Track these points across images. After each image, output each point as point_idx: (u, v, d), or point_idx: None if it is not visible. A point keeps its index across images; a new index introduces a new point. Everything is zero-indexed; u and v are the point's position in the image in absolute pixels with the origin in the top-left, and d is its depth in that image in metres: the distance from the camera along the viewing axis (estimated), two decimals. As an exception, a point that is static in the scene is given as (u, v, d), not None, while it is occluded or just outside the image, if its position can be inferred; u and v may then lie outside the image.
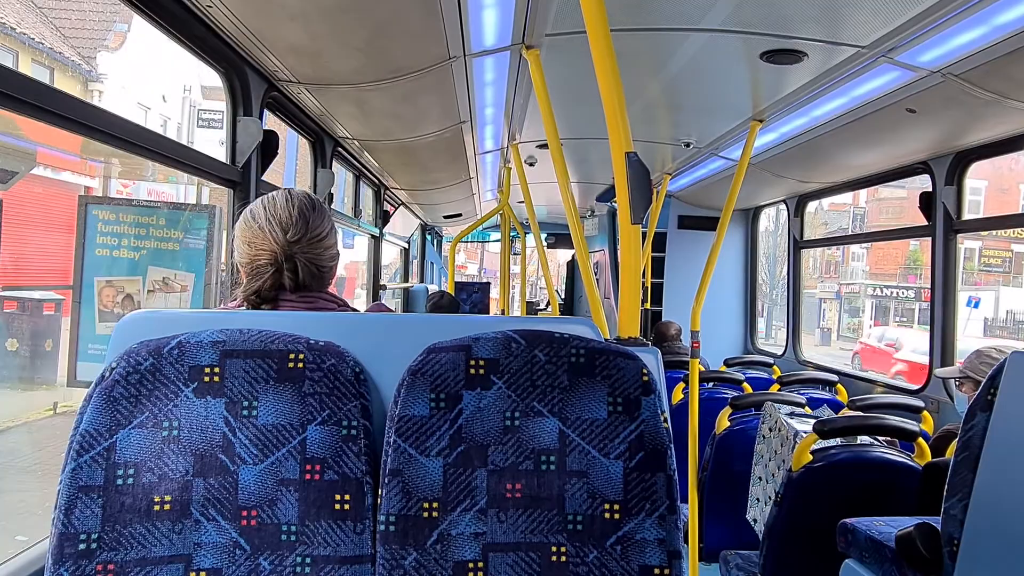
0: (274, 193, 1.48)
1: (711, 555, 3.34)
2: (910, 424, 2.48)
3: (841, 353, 22.50)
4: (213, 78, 2.55)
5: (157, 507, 1.10)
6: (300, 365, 1.14)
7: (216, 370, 1.13)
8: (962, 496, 1.52)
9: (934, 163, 3.57)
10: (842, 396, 3.91)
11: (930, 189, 3.61)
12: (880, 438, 2.63)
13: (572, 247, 10.07)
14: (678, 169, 4.95)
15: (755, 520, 2.90)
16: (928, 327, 3.67)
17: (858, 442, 2.61)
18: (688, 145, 4.21)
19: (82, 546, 1.07)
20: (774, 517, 2.50)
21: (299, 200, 1.45)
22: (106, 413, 1.10)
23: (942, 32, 2.21)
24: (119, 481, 1.09)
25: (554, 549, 1.14)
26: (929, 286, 3.61)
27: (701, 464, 3.43)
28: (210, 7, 2.04)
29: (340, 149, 3.89)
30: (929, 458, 2.47)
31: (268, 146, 2.62)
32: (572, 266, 10.74)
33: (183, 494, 1.11)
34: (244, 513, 1.12)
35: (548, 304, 9.97)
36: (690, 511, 3.30)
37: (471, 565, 1.13)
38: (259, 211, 1.43)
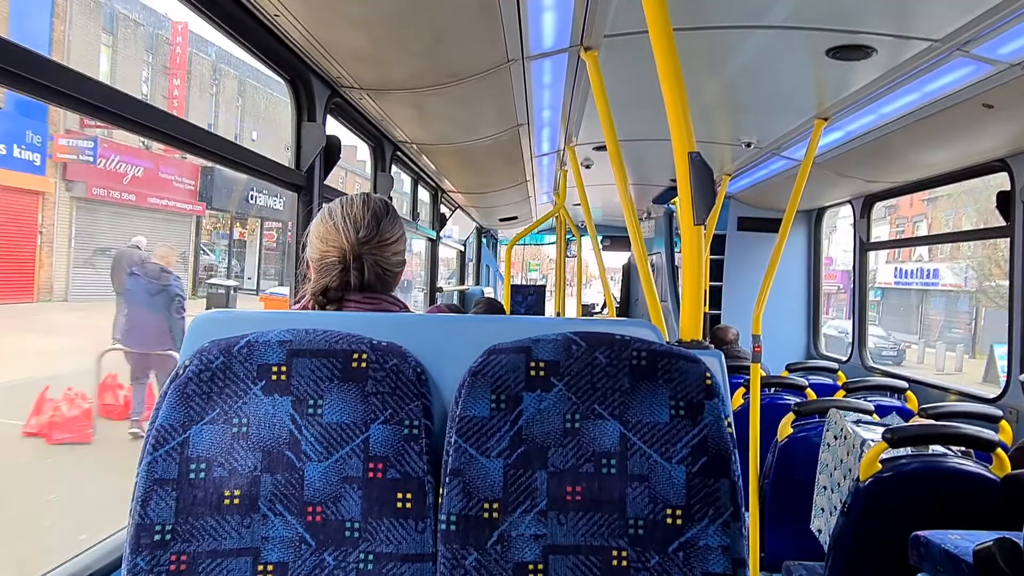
0: (353, 195, 1.54)
1: (772, 565, 3.26)
2: (988, 433, 2.36)
3: None
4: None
5: (227, 501, 1.13)
6: (363, 365, 1.16)
7: (283, 369, 1.16)
8: None
9: (1012, 160, 3.39)
10: (912, 404, 3.75)
11: (1008, 188, 3.44)
12: (954, 448, 2.52)
13: (627, 249, 9.99)
14: (738, 170, 4.85)
15: (820, 531, 2.81)
16: None
17: (930, 452, 2.50)
18: (749, 145, 4.12)
19: (157, 537, 1.11)
20: (840, 528, 2.41)
21: (375, 203, 1.51)
22: (180, 409, 1.14)
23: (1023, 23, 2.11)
24: (192, 475, 1.13)
25: (615, 553, 1.13)
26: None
27: (762, 472, 3.34)
28: (277, 16, 2.10)
29: (399, 153, 3.96)
30: (1008, 470, 2.34)
31: (331, 151, 2.69)
32: (628, 269, 10.63)
33: (252, 489, 1.14)
34: (309, 509, 1.14)
35: (604, 307, 9.90)
36: (751, 519, 3.22)
37: (531, 567, 1.13)
38: (336, 209, 1.50)
